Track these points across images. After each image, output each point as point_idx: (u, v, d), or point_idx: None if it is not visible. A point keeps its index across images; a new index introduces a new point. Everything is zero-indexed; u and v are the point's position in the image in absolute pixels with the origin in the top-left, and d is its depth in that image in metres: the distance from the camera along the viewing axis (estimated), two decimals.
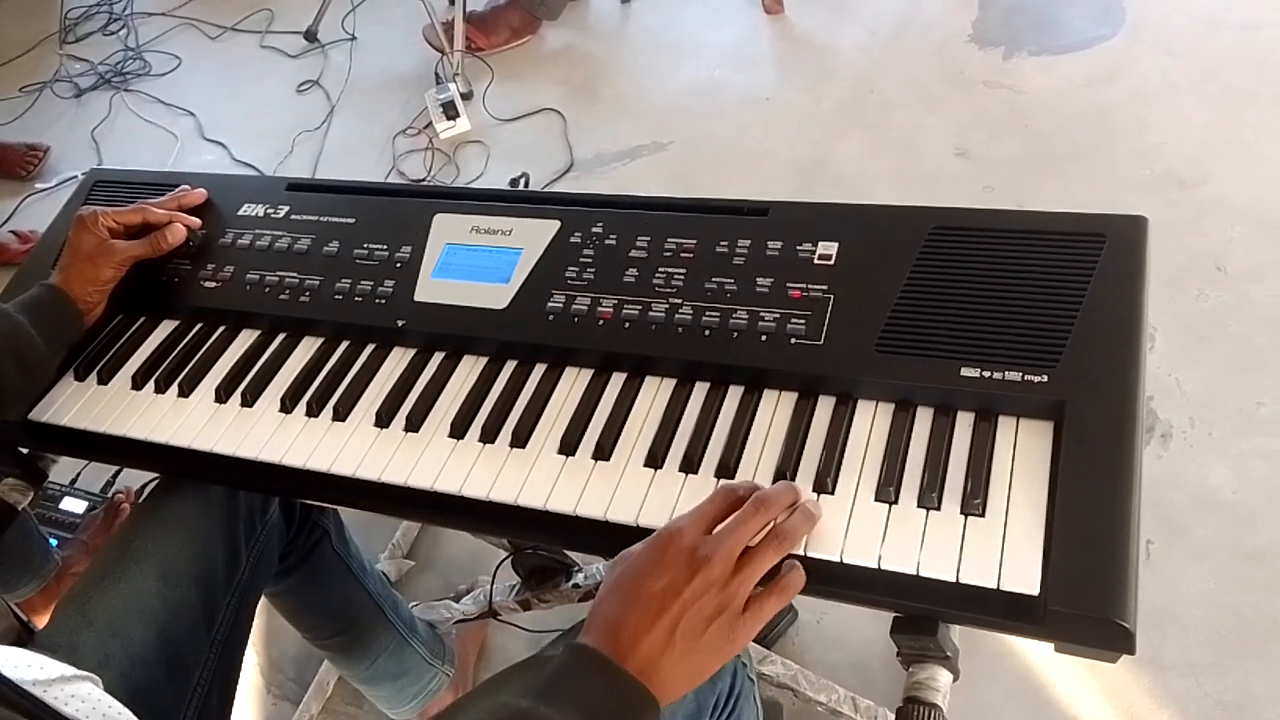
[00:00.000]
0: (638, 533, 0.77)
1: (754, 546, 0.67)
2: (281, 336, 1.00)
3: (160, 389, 0.98)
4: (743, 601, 0.65)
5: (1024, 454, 0.74)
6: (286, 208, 1.07)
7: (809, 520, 0.71)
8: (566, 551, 1.32)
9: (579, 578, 1.32)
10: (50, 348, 0.97)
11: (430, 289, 0.95)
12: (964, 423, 0.77)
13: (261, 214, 1.08)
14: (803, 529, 0.70)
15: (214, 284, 1.03)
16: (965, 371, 0.76)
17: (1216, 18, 2.19)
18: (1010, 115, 2.12)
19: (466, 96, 2.59)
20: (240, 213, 1.09)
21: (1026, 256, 0.80)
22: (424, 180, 2.42)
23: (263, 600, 1.15)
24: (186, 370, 0.99)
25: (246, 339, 1.01)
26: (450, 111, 2.50)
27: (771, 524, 0.69)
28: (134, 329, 1.05)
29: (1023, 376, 0.74)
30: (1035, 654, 1.33)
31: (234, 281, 1.03)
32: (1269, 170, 1.85)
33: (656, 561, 0.66)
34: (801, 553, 0.71)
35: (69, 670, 0.70)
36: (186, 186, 1.11)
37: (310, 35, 2.98)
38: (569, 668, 0.63)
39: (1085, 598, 0.64)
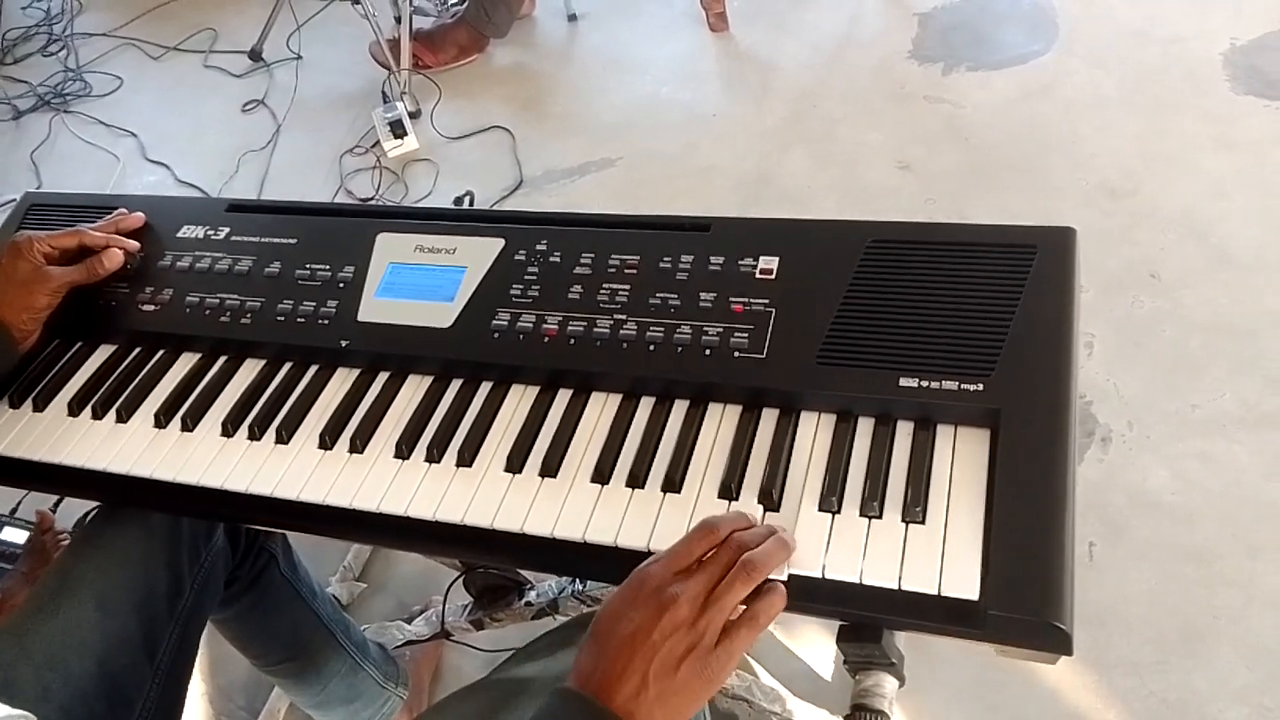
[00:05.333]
0: (585, 549, 0.77)
1: (722, 581, 0.67)
2: (222, 359, 0.99)
3: (98, 415, 0.97)
4: (714, 638, 0.65)
5: (962, 461, 0.75)
6: (227, 229, 1.06)
7: (783, 549, 0.70)
8: (518, 569, 1.31)
9: (531, 595, 1.31)
10: None
11: (374, 309, 0.95)
12: (904, 432, 0.78)
13: (201, 235, 1.06)
14: (776, 558, 0.69)
15: (153, 307, 1.02)
16: (904, 381, 0.77)
17: (1144, 32, 2.26)
18: (949, 129, 2.17)
19: (414, 115, 2.58)
20: (180, 234, 1.07)
21: (960, 268, 0.82)
22: (372, 199, 2.41)
23: (211, 627, 1.13)
24: (125, 395, 0.97)
25: (186, 362, 1.00)
26: (398, 130, 2.49)
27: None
28: (70, 354, 1.04)
29: (959, 385, 0.76)
30: (983, 656, 1.35)
31: (173, 304, 1.01)
32: (1197, 180, 1.91)
33: (628, 605, 0.66)
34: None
35: (4, 709, 0.69)
36: (123, 210, 1.09)
37: (255, 55, 2.96)
38: (554, 710, 0.63)
39: (1023, 601, 0.66)
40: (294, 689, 1.32)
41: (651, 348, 0.85)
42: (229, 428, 0.92)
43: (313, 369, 0.96)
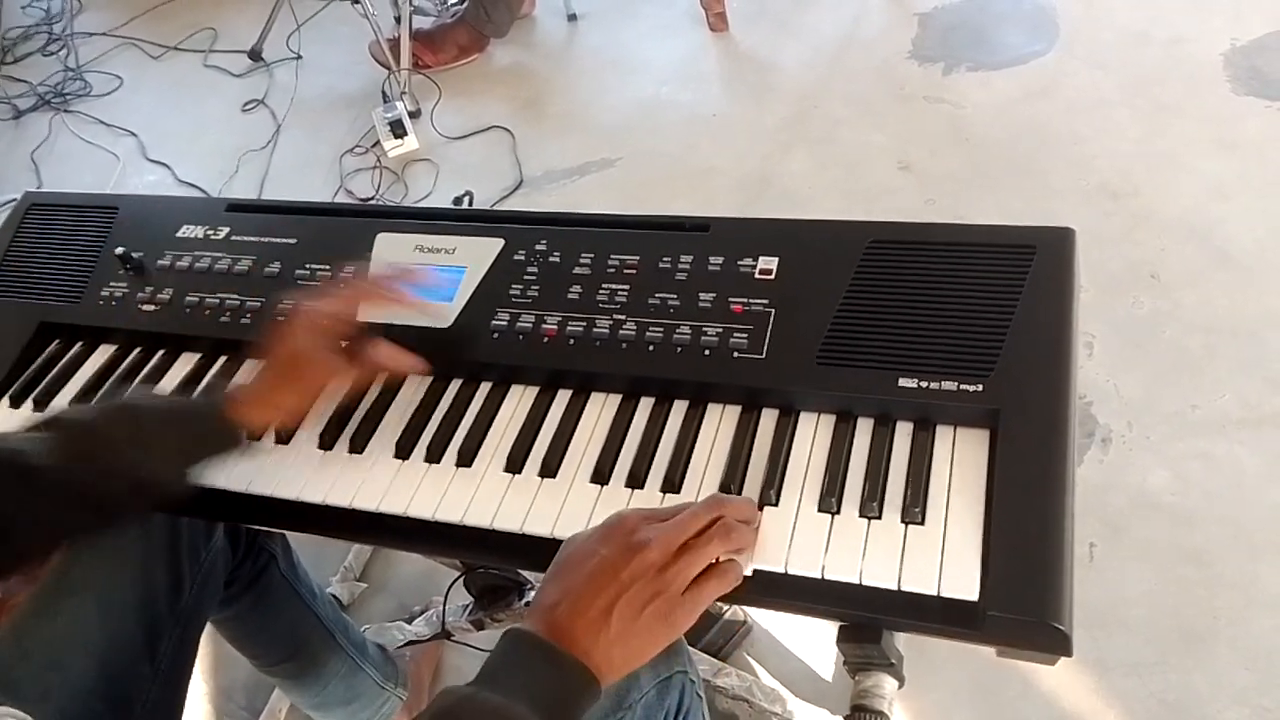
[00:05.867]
0: None
1: (698, 536, 0.68)
2: (222, 359, 0.99)
3: None
4: (681, 587, 0.66)
5: (961, 462, 0.75)
6: (227, 229, 1.06)
7: (753, 532, 0.72)
8: (518, 569, 1.31)
9: (531, 595, 1.31)
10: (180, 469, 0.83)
11: (373, 309, 0.95)
12: (903, 432, 0.78)
13: (201, 235, 1.06)
14: (750, 536, 0.71)
15: (152, 307, 1.02)
16: (903, 382, 0.78)
17: (1145, 33, 2.26)
18: (950, 129, 2.17)
19: (414, 115, 2.58)
20: (179, 234, 1.07)
21: (960, 269, 0.82)
22: (372, 199, 2.41)
23: (212, 628, 1.12)
24: None
25: (187, 362, 1.00)
26: (398, 130, 2.49)
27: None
28: (70, 355, 1.04)
29: (958, 386, 0.76)
30: (983, 657, 1.35)
31: (173, 304, 1.01)
32: (1197, 181, 1.91)
33: (599, 542, 0.66)
34: (748, 568, 0.72)
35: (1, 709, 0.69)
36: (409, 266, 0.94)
37: (255, 54, 2.96)
38: (507, 652, 0.63)
39: (1022, 602, 0.66)
40: (293, 689, 1.32)
41: (651, 348, 0.85)
42: None
43: None
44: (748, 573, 0.71)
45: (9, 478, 0.74)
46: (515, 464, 0.83)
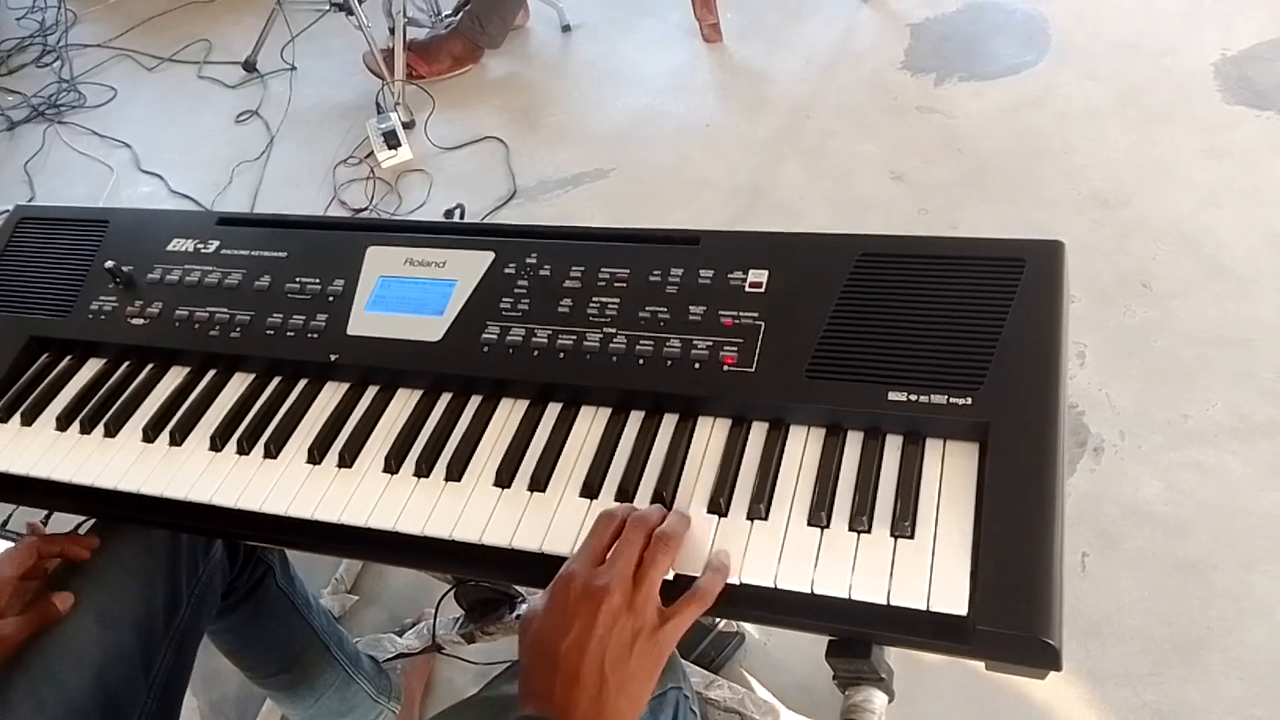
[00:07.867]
0: None
1: (644, 558, 0.68)
2: (211, 373, 0.98)
3: (86, 429, 0.96)
4: (654, 613, 0.66)
5: (951, 475, 0.75)
6: (217, 243, 1.06)
7: (684, 520, 0.73)
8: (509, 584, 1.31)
9: (523, 609, 1.30)
10: None
11: (364, 322, 0.95)
12: (893, 446, 0.78)
13: (191, 249, 1.06)
14: (682, 528, 0.72)
15: (142, 321, 1.01)
16: (893, 395, 0.77)
17: (1136, 44, 2.27)
18: (942, 140, 2.17)
19: (408, 125, 2.59)
20: (169, 248, 1.07)
21: (949, 281, 0.82)
22: (366, 210, 2.41)
23: (205, 640, 1.12)
24: (113, 410, 0.97)
25: (175, 377, 0.99)
26: (392, 140, 2.50)
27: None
28: (59, 369, 1.03)
29: (948, 399, 0.76)
30: (976, 669, 1.34)
31: (162, 318, 1.01)
32: (1188, 191, 1.92)
33: (559, 614, 0.66)
34: (736, 580, 0.72)
35: None
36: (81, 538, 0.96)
37: (249, 65, 2.96)
38: None
39: (1011, 616, 0.65)
40: (287, 701, 1.31)
41: (641, 361, 0.85)
42: (217, 442, 0.92)
43: (302, 383, 0.96)
44: (734, 580, 0.71)
45: None
46: (505, 478, 0.83)
